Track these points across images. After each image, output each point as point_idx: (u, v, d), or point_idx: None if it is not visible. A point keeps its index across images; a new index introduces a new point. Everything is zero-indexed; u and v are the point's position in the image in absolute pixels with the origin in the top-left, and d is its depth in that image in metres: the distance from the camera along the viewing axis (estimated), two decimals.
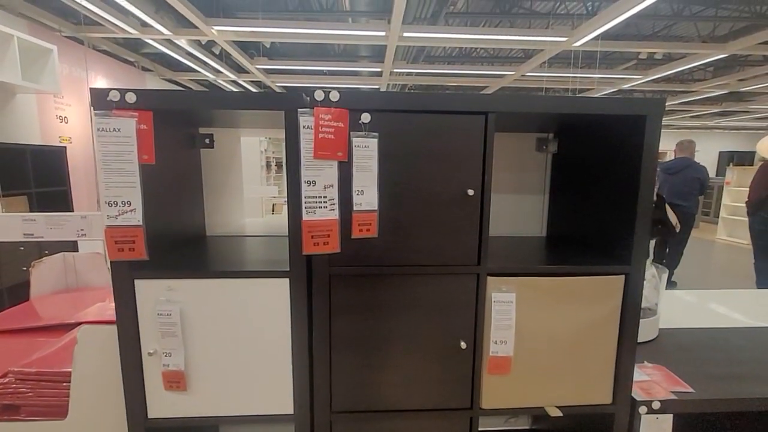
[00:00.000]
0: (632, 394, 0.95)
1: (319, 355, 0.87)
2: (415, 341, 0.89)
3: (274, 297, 0.85)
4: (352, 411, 0.90)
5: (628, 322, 0.91)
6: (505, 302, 0.87)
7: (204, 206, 1.21)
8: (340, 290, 0.86)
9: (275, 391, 0.89)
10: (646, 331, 1.24)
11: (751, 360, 1.12)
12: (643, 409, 0.93)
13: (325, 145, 0.79)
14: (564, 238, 1.19)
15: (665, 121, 9.90)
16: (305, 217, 0.81)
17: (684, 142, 4.93)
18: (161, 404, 0.88)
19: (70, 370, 0.94)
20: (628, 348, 0.92)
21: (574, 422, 1.12)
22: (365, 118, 0.80)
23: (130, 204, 0.79)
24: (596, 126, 1.01)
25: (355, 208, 0.82)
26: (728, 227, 6.86)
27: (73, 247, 2.58)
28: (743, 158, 9.34)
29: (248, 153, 1.40)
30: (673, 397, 0.94)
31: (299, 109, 0.77)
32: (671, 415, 0.94)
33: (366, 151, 0.81)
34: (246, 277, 0.84)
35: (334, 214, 0.82)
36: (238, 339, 0.86)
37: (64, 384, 0.95)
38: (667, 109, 8.21)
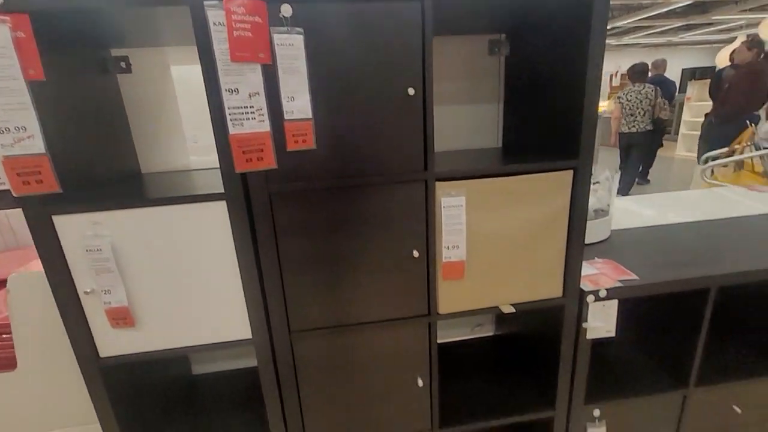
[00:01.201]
0: (581, 286, 0.99)
1: (270, 277, 0.85)
2: (367, 254, 0.87)
3: (213, 222, 0.80)
4: (311, 329, 0.91)
5: (576, 217, 0.92)
6: (454, 207, 0.86)
7: (133, 140, 1.10)
8: (282, 209, 0.81)
9: (231, 317, 0.87)
10: (598, 232, 1.28)
11: (691, 249, 1.19)
12: (590, 298, 0.98)
13: (242, 45, 0.70)
14: (520, 147, 1.16)
15: (632, 38, 9.75)
16: (232, 130, 0.73)
17: (657, 61, 5.17)
18: (112, 342, 0.86)
19: (7, 320, 0.89)
20: (577, 242, 0.94)
21: (531, 318, 1.18)
22: (286, 10, 0.70)
23: (26, 129, 0.69)
24: (546, 26, 0.94)
25: (286, 117, 0.75)
26: (687, 143, 7.10)
27: None
28: (705, 73, 9.44)
29: (197, 86, 1.26)
30: (618, 284, 0.99)
31: (205, 2, 0.66)
32: (616, 301, 0.99)
33: (291, 50, 0.72)
34: (178, 204, 0.78)
35: (265, 126, 0.75)
36: (181, 269, 0.82)
37: (5, 335, 0.90)
38: (633, 25, 8.05)
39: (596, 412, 1.11)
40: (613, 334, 1.01)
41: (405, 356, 0.97)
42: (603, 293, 0.97)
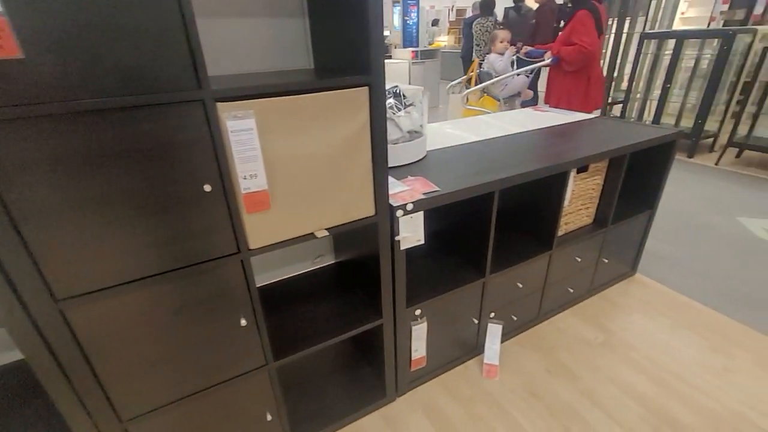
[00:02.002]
0: (391, 202, 1.04)
1: (7, 238, 0.65)
2: (144, 196, 0.73)
3: None
4: (89, 292, 0.75)
5: (377, 135, 0.94)
6: (244, 130, 0.77)
7: None
8: (6, 143, 0.60)
9: None
10: (414, 152, 1.37)
11: (494, 160, 1.37)
12: (399, 213, 1.05)
13: None
14: (330, 68, 1.11)
15: None
16: None
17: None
18: None
19: None
20: (381, 160, 0.97)
21: (357, 239, 1.23)
22: None
23: None
24: None
25: None
26: None
27: None
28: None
29: None
30: (423, 197, 1.08)
31: None
32: (422, 212, 1.09)
33: None
34: None
35: None
36: None
37: None
38: None
39: (417, 312, 1.27)
40: (422, 241, 1.12)
41: (222, 298, 0.90)
42: (410, 207, 1.05)
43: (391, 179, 1.19)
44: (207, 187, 0.77)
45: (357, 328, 1.17)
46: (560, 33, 2.78)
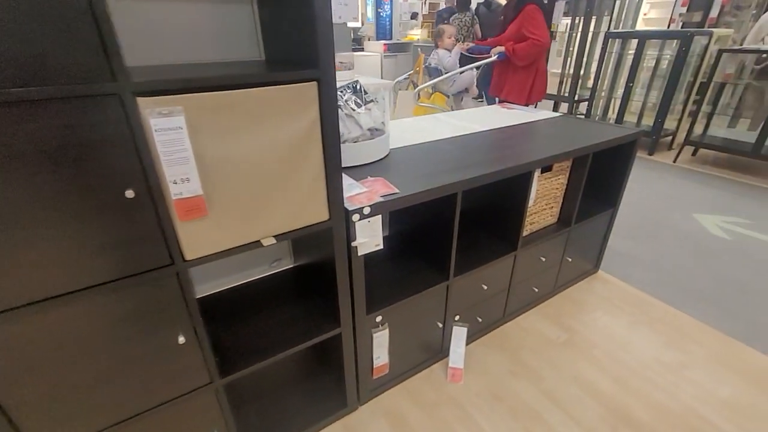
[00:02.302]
0: (347, 206, 0.98)
1: None
2: (56, 203, 0.63)
3: None
4: None
5: (329, 134, 0.87)
6: (171, 129, 0.68)
7: None
8: None
9: None
10: (375, 151, 1.31)
11: (457, 159, 1.33)
12: (356, 217, 0.99)
13: None
14: (284, 62, 1.02)
15: None
16: None
17: None
18: None
19: None
20: (334, 161, 0.90)
21: (314, 244, 1.16)
22: None
23: None
24: None
25: None
26: None
27: None
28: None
29: None
30: (381, 200, 1.02)
31: None
32: (380, 216, 1.03)
33: None
34: None
35: None
36: None
37: None
38: None
39: (378, 318, 1.22)
40: (381, 246, 1.07)
41: (156, 315, 0.82)
42: (367, 210, 0.99)
43: (348, 180, 1.13)
44: (129, 193, 0.68)
45: (313, 339, 1.10)
46: (507, 28, 2.69)
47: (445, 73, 3.35)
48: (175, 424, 0.97)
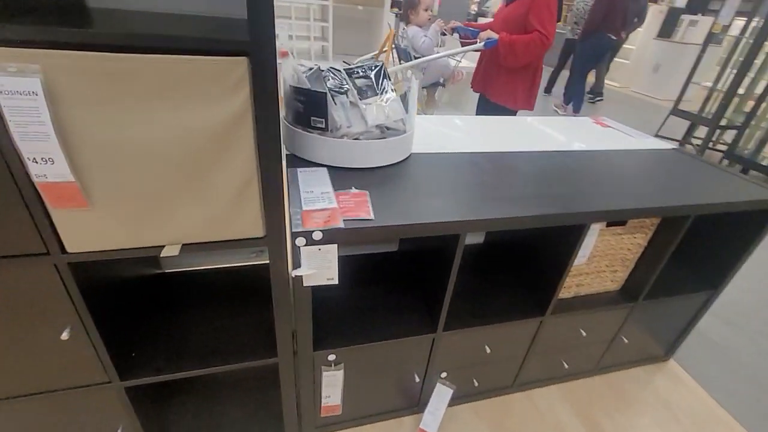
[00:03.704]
0: (294, 226, 0.76)
1: None
2: None
3: None
4: None
5: (265, 128, 0.64)
6: (22, 95, 0.51)
7: None
8: None
9: None
10: (380, 154, 1.04)
11: (478, 184, 1.01)
12: (300, 241, 0.76)
13: None
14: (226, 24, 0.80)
15: None
16: None
17: None
18: None
19: None
20: (273, 164, 0.67)
21: None
22: None
23: None
24: None
25: None
26: None
27: None
28: None
29: None
30: (340, 226, 0.78)
31: None
32: (335, 246, 0.79)
33: None
34: None
35: None
36: None
37: None
38: None
39: (331, 357, 1.00)
40: (336, 281, 0.83)
41: (34, 306, 0.70)
42: (317, 235, 0.76)
43: (323, 188, 0.89)
44: None
45: (244, 362, 0.93)
46: (506, 9, 1.98)
47: (416, 58, 2.38)
48: (73, 413, 0.89)
